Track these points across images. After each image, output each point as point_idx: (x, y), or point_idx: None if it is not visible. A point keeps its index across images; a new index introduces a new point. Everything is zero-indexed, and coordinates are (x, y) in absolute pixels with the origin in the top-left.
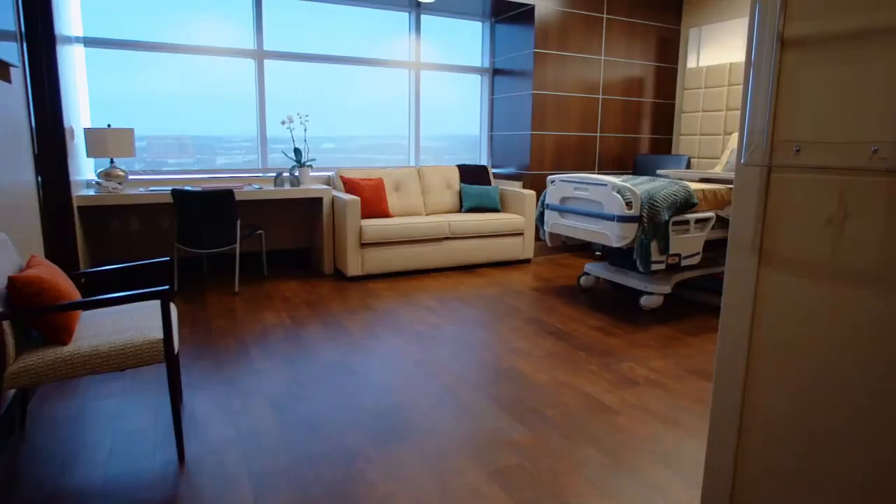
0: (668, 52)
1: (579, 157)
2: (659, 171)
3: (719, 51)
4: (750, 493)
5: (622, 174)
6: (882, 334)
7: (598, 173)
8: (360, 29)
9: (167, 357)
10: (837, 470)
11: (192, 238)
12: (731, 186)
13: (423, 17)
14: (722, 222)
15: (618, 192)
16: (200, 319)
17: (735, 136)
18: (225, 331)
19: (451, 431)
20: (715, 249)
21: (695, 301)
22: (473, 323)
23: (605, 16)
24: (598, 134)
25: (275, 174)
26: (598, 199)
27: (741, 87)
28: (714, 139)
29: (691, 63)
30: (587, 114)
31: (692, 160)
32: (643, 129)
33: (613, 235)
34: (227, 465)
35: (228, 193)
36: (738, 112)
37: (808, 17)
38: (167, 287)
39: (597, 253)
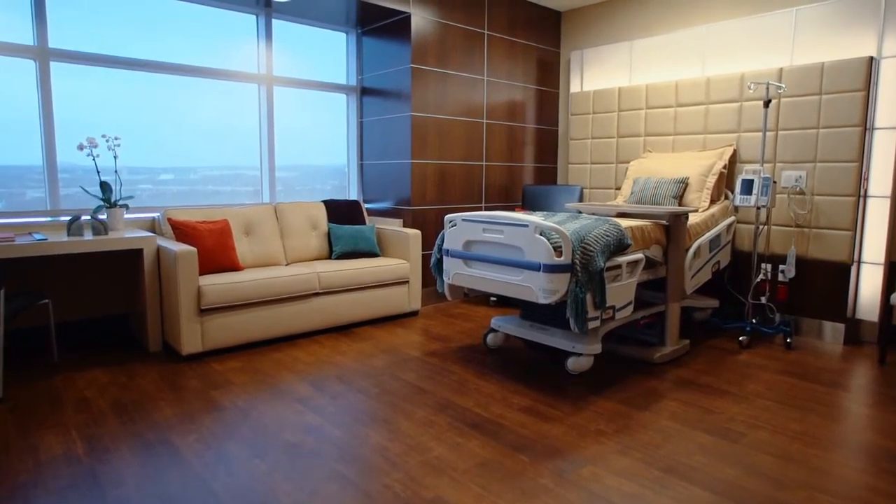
0: (550, 76)
1: (466, 189)
2: (567, 205)
3: (603, 75)
4: None
5: (513, 205)
6: None
7: (487, 207)
8: (193, 31)
9: None
10: None
11: None
12: (658, 222)
13: (274, 21)
14: (648, 262)
15: (542, 235)
16: None
17: (634, 164)
18: None
19: None
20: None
21: (618, 355)
22: (366, 419)
23: (485, 32)
24: (484, 162)
25: (69, 218)
26: (517, 244)
27: (637, 112)
28: (607, 168)
29: (574, 87)
30: (472, 140)
31: (585, 191)
32: (527, 157)
33: (539, 289)
34: None
35: None
36: (631, 139)
37: None
38: None
39: (491, 299)
